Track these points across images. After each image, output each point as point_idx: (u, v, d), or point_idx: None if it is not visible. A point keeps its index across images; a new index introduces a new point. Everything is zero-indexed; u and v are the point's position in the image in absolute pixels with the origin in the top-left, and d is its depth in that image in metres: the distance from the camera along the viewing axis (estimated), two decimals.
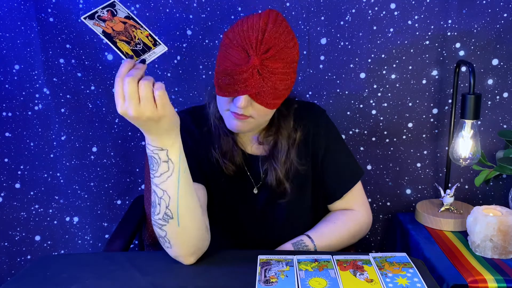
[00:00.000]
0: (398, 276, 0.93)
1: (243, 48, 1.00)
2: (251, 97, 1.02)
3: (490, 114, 1.57)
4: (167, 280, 0.94)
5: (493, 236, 1.24)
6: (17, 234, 1.65)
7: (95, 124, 1.58)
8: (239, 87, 1.00)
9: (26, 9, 1.48)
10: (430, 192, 1.65)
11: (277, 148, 1.15)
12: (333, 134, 1.24)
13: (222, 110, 1.09)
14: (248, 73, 0.99)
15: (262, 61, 0.99)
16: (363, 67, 1.55)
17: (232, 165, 1.16)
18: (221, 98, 1.06)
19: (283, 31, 1.02)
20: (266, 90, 1.01)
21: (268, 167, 1.16)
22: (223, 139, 1.16)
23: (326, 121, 1.24)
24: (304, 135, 1.19)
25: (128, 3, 1.48)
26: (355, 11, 1.50)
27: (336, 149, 1.24)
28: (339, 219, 1.23)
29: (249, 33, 1.00)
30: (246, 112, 1.04)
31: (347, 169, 1.25)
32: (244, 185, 1.20)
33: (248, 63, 0.99)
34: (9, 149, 1.58)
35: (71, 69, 1.53)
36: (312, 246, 1.14)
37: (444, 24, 1.51)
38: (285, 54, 1.01)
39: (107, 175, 1.63)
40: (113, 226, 1.65)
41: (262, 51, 0.99)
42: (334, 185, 1.23)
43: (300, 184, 1.20)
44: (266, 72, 1.00)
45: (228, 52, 1.02)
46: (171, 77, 1.55)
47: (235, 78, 1.00)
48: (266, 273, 0.94)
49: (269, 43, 0.99)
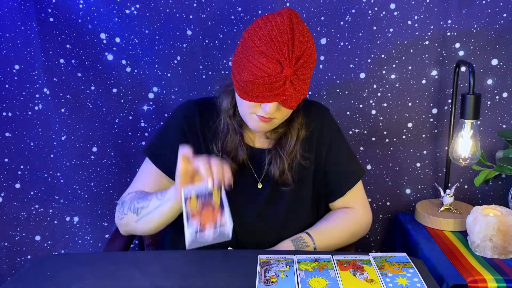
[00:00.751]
0: (398, 276, 0.94)
1: (276, 59, 1.01)
2: (279, 103, 1.05)
3: (490, 114, 1.57)
4: (167, 280, 0.94)
5: (492, 236, 1.25)
6: (17, 234, 1.65)
7: (95, 124, 1.58)
8: (269, 95, 1.03)
9: (26, 9, 1.48)
10: (430, 192, 1.65)
11: (286, 138, 1.18)
12: (336, 132, 1.27)
13: (245, 113, 1.11)
14: (280, 83, 1.02)
15: (295, 71, 1.02)
16: (363, 67, 1.55)
17: (234, 163, 1.17)
18: (246, 102, 1.08)
19: (307, 36, 1.04)
20: (295, 96, 1.05)
21: (273, 157, 1.18)
22: (231, 137, 1.18)
23: (330, 119, 1.28)
24: (309, 132, 1.21)
25: (128, 3, 1.48)
26: (355, 11, 1.50)
27: (339, 148, 1.26)
28: (339, 218, 1.24)
29: (279, 43, 1.00)
30: (272, 115, 1.08)
31: (349, 168, 1.27)
32: (247, 180, 1.21)
33: (282, 73, 1.01)
34: (9, 149, 1.58)
35: (71, 69, 1.53)
36: (311, 243, 1.14)
37: (444, 24, 1.51)
38: (311, 60, 1.05)
39: (107, 175, 1.63)
40: (113, 226, 1.65)
41: (294, 62, 1.01)
42: (336, 183, 1.25)
43: (302, 178, 1.21)
44: (297, 80, 1.03)
45: (257, 59, 1.02)
46: (171, 77, 1.55)
47: (265, 86, 1.02)
48: (266, 273, 0.94)
49: (299, 53, 1.01)
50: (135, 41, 1.52)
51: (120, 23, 1.50)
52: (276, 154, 1.18)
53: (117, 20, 1.50)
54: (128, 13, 1.49)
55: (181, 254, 1.08)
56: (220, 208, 0.92)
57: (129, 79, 1.55)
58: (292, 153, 1.18)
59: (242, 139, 1.19)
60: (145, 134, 1.60)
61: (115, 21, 1.50)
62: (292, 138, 1.18)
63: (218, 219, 0.90)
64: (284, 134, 1.19)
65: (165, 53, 1.53)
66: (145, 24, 1.51)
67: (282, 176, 1.18)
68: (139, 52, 1.53)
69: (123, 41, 1.51)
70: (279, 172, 1.17)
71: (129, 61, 1.54)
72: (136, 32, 1.51)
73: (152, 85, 1.56)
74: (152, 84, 1.56)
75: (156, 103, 1.58)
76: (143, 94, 1.57)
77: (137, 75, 1.55)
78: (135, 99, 1.57)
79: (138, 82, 1.56)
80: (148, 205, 1.11)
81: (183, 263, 1.00)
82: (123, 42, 1.52)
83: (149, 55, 1.53)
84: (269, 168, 1.19)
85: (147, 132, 1.60)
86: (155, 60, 1.54)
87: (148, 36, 1.51)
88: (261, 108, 1.07)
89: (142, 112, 1.58)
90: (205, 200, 0.94)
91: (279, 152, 1.18)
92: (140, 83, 1.56)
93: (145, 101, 1.57)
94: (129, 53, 1.53)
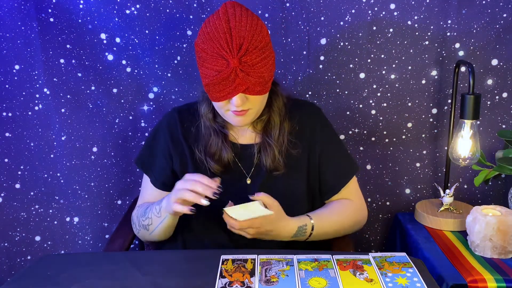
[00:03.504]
0: (398, 275, 0.94)
1: (219, 55, 1.04)
2: (244, 93, 1.08)
3: (490, 114, 1.57)
4: (167, 280, 0.94)
5: (492, 236, 1.25)
6: (17, 234, 1.65)
7: (95, 124, 1.58)
8: (228, 90, 1.06)
9: (26, 9, 1.48)
10: (429, 192, 1.65)
11: (270, 125, 1.20)
12: (329, 131, 1.29)
13: (222, 112, 1.15)
14: (232, 75, 1.04)
15: (240, 59, 1.04)
16: (363, 67, 1.55)
17: (219, 164, 1.20)
18: (217, 103, 1.12)
19: (246, 21, 1.06)
20: (254, 82, 1.06)
21: (262, 147, 1.20)
22: (213, 139, 1.20)
23: (322, 118, 1.30)
24: (301, 128, 1.23)
25: (128, 3, 1.48)
26: (355, 12, 1.50)
27: (332, 146, 1.28)
28: (337, 207, 1.26)
29: (217, 39, 1.04)
30: (244, 107, 1.10)
31: (343, 164, 1.29)
32: (236, 177, 1.22)
33: (228, 67, 1.04)
34: (9, 149, 1.58)
35: (72, 69, 1.53)
36: (309, 232, 1.16)
37: (444, 24, 1.51)
38: (257, 42, 1.06)
39: (107, 175, 1.63)
40: (113, 226, 1.65)
41: (236, 52, 1.03)
42: (331, 181, 1.27)
43: (294, 167, 1.22)
44: (247, 67, 1.05)
45: (206, 63, 1.07)
46: (171, 77, 1.55)
47: (222, 83, 1.06)
48: (267, 273, 0.94)
49: (239, 40, 1.03)
50: (135, 41, 1.52)
51: (120, 23, 1.50)
52: (265, 143, 1.20)
53: (117, 20, 1.50)
54: (128, 13, 1.49)
55: (181, 254, 1.08)
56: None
57: (129, 79, 1.55)
58: (279, 139, 1.19)
59: (226, 139, 1.21)
60: (145, 134, 1.60)
61: (115, 21, 1.50)
62: (275, 123, 1.20)
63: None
64: (268, 121, 1.21)
65: (165, 53, 1.53)
66: (145, 24, 1.51)
67: (274, 162, 1.19)
68: (139, 52, 1.53)
69: (123, 41, 1.51)
70: (270, 159, 1.19)
71: (129, 61, 1.54)
72: (136, 32, 1.51)
73: (152, 85, 1.56)
74: (152, 84, 1.56)
75: (156, 103, 1.58)
76: (143, 94, 1.57)
77: (137, 75, 1.55)
78: (135, 99, 1.57)
79: (138, 82, 1.56)
80: (151, 222, 1.18)
81: (183, 263, 1.01)
82: (123, 42, 1.52)
83: (149, 55, 1.53)
84: (259, 159, 1.20)
85: (147, 132, 1.60)
86: (155, 60, 1.54)
87: (148, 36, 1.51)
88: (231, 104, 1.10)
89: (142, 112, 1.58)
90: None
91: (267, 140, 1.19)
92: (140, 83, 1.56)
93: (145, 101, 1.58)
94: (129, 53, 1.53)
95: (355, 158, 1.63)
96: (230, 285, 0.91)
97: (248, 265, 0.98)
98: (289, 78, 1.56)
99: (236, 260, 1.00)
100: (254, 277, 0.93)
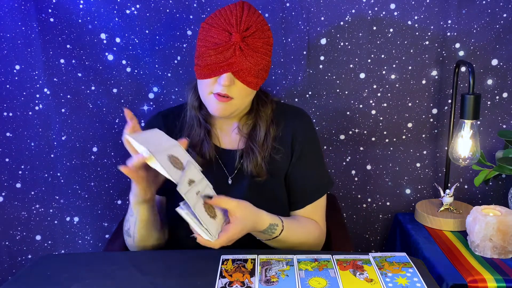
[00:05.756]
0: (398, 275, 0.94)
1: (224, 29, 1.06)
2: (234, 75, 1.06)
3: (490, 114, 1.57)
4: (167, 280, 0.94)
5: (492, 236, 1.25)
6: (18, 233, 1.65)
7: (95, 124, 1.59)
8: (222, 65, 1.05)
9: (27, 10, 1.48)
10: (429, 192, 1.65)
11: (255, 130, 1.18)
12: (310, 142, 1.23)
13: (204, 95, 1.11)
14: (230, 51, 1.05)
15: (243, 38, 1.05)
16: (363, 67, 1.55)
17: (201, 158, 1.17)
18: (203, 82, 1.09)
19: (258, 15, 1.09)
20: (248, 67, 1.06)
21: (245, 153, 1.17)
22: (196, 130, 1.19)
23: (308, 127, 1.23)
24: (284, 134, 1.20)
25: (128, 3, 1.49)
26: (355, 11, 1.50)
27: (309, 157, 1.22)
28: (305, 222, 1.21)
29: (228, 16, 1.07)
30: (229, 92, 1.07)
31: (315, 181, 1.23)
32: (217, 176, 1.18)
33: (230, 40, 1.04)
34: (10, 149, 1.58)
35: (72, 69, 1.54)
36: (277, 234, 1.10)
37: (444, 25, 1.51)
38: (263, 33, 1.08)
39: (107, 175, 1.63)
40: (113, 226, 1.66)
41: (242, 29, 1.05)
42: (299, 194, 1.22)
43: (276, 173, 1.19)
44: (248, 49, 1.05)
45: (208, 34, 1.07)
46: (171, 77, 1.55)
47: (217, 57, 1.05)
48: (267, 273, 0.94)
49: (248, 22, 1.06)
50: (135, 41, 1.52)
51: (120, 23, 1.50)
52: (248, 148, 1.17)
53: (117, 20, 1.50)
54: (128, 13, 1.49)
55: (181, 254, 1.08)
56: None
57: (129, 79, 1.55)
58: (264, 145, 1.17)
59: (208, 136, 1.19)
60: None
61: (115, 21, 1.50)
62: (261, 129, 1.18)
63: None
64: (254, 126, 1.19)
65: (165, 53, 1.53)
66: (145, 24, 1.51)
67: (256, 168, 1.16)
68: (139, 52, 1.53)
69: (123, 41, 1.52)
70: (253, 165, 1.16)
71: (129, 61, 1.54)
72: (136, 32, 1.51)
73: (152, 85, 1.56)
74: (152, 84, 1.56)
75: (156, 103, 1.58)
76: (143, 94, 1.57)
77: (137, 75, 1.55)
78: (135, 99, 1.57)
79: (138, 82, 1.56)
80: (129, 224, 1.15)
81: (183, 263, 1.01)
82: (123, 42, 1.52)
83: (149, 55, 1.53)
84: (242, 164, 1.17)
85: None
86: (155, 60, 1.54)
87: (148, 36, 1.52)
88: (217, 84, 1.07)
89: (142, 112, 1.58)
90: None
91: (251, 146, 1.17)
92: (140, 83, 1.56)
93: (145, 101, 1.58)
94: (129, 53, 1.53)
95: (355, 158, 1.63)
96: (230, 285, 0.91)
97: (248, 265, 0.98)
98: (289, 78, 1.56)
99: (236, 260, 1.00)
100: (254, 277, 0.93)
